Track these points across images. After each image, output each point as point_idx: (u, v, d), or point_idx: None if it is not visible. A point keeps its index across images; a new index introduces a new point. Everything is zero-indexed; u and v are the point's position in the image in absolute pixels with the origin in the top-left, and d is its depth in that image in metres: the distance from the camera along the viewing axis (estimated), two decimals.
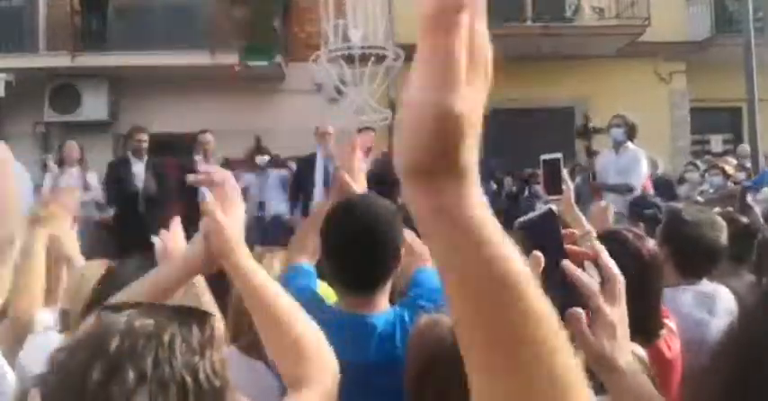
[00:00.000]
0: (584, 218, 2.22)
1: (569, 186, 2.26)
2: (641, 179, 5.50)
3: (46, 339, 1.69)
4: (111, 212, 6.28)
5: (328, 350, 1.08)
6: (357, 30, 8.05)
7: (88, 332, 0.84)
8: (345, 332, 1.50)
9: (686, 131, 10.02)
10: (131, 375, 0.78)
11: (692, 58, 9.73)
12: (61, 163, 6.55)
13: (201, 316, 0.88)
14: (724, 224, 2.24)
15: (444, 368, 1.10)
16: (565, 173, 2.26)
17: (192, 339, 0.85)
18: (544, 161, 2.28)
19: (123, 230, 5.91)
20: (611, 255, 1.61)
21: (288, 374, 1.04)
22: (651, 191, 6.59)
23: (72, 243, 2.11)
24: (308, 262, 1.81)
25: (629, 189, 5.42)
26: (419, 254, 1.73)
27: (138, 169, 6.21)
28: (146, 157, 6.31)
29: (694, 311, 2.05)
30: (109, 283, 1.42)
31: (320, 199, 5.81)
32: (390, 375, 1.46)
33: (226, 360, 0.88)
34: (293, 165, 6.82)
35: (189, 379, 0.81)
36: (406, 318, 1.56)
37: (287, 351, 1.04)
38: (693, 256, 2.15)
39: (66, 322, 1.70)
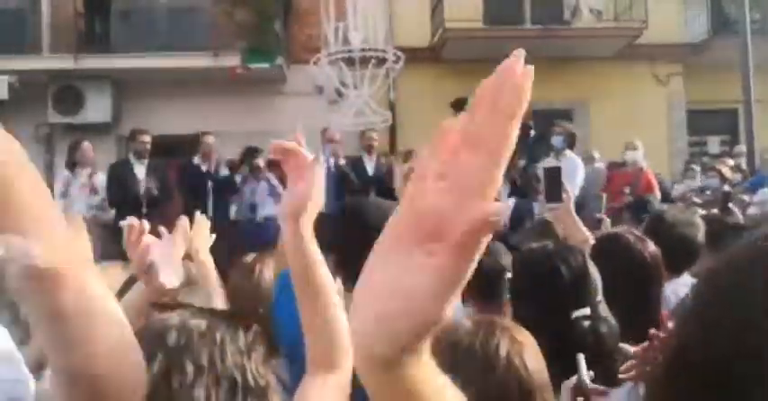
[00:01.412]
0: (582, 225, 2.29)
1: (569, 194, 2.32)
2: (578, 186, 5.75)
3: None
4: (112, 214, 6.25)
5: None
6: (357, 32, 8.12)
7: (144, 328, 0.91)
8: None
9: (683, 133, 10.08)
10: (190, 368, 0.85)
11: (689, 60, 9.79)
12: (72, 164, 6.43)
13: (245, 321, 0.94)
14: (701, 223, 2.35)
15: (457, 369, 1.12)
16: (565, 182, 2.34)
17: (238, 341, 0.91)
18: (545, 169, 2.36)
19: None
20: (613, 258, 1.69)
21: (317, 354, 1.05)
22: (656, 186, 6.62)
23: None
24: None
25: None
26: None
27: (140, 171, 6.17)
28: (147, 159, 6.27)
29: (673, 301, 2.15)
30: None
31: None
32: None
33: (266, 362, 0.94)
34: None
35: (239, 377, 0.87)
36: None
37: (322, 331, 1.04)
38: (673, 252, 2.24)
39: None
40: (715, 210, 3.84)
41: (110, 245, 5.63)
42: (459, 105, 5.37)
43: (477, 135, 0.44)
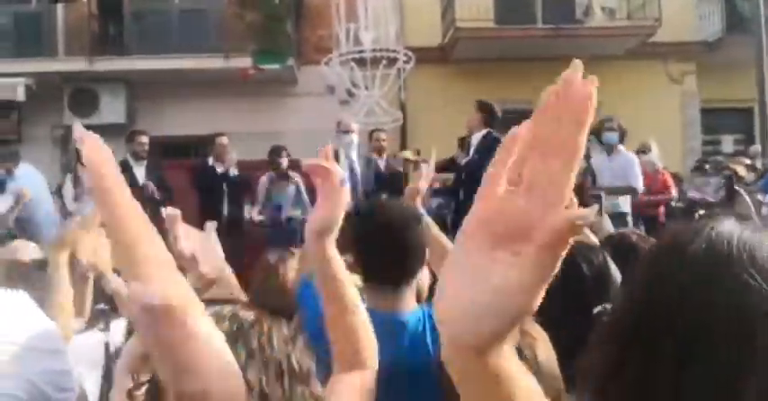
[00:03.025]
0: (590, 232, 2.28)
1: (574, 201, 2.31)
2: (641, 180, 5.66)
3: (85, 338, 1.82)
4: None
5: (375, 343, 1.16)
6: (368, 33, 8.14)
7: None
8: (375, 330, 1.57)
9: (697, 132, 10.00)
10: (243, 352, 0.92)
11: (702, 59, 9.71)
12: (81, 165, 6.56)
13: (287, 315, 1.02)
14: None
15: None
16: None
17: (283, 330, 0.99)
18: None
19: None
20: (619, 258, 1.69)
21: (344, 355, 1.11)
22: (672, 186, 6.62)
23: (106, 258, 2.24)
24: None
25: (634, 191, 5.56)
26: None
27: (140, 172, 6.18)
28: (145, 161, 6.28)
29: None
30: None
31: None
32: (420, 373, 1.48)
33: (307, 351, 1.01)
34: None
35: (284, 363, 0.95)
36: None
37: (347, 334, 1.11)
38: None
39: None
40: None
41: None
42: (485, 108, 5.32)
43: (549, 142, 0.47)
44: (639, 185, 5.67)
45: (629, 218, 5.49)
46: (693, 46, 9.72)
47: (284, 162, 6.71)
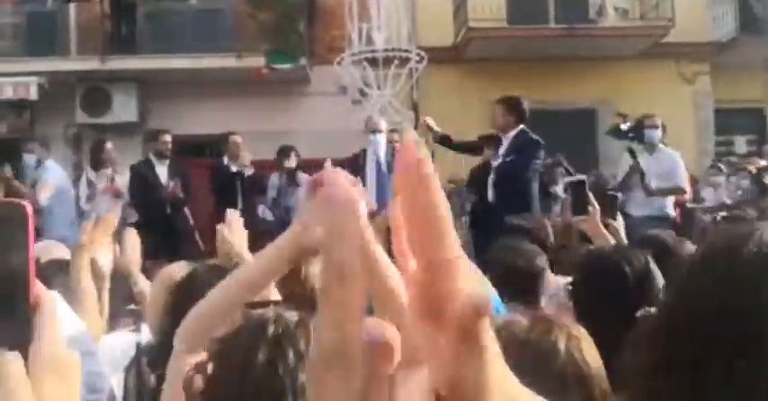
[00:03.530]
0: (611, 237, 2.28)
1: (596, 207, 2.32)
2: (686, 179, 5.42)
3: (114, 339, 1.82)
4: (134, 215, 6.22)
5: None
6: (381, 32, 8.14)
7: (244, 323, 0.98)
8: None
9: (710, 133, 9.96)
10: (292, 354, 0.92)
11: (715, 59, 9.67)
12: (95, 165, 6.34)
13: (312, 305, 1.00)
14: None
15: (515, 363, 1.13)
16: (590, 194, 2.34)
17: None
18: (569, 183, 2.36)
19: (151, 234, 5.78)
20: (654, 260, 1.69)
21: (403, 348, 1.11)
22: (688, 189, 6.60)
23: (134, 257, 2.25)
24: None
25: (680, 190, 5.37)
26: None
27: (162, 171, 6.13)
28: (168, 160, 6.21)
29: None
30: (188, 287, 1.49)
31: (371, 198, 5.39)
32: None
33: None
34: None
35: None
36: None
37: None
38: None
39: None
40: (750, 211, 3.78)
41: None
42: (514, 106, 5.09)
43: (411, 210, 0.41)
44: (686, 184, 5.41)
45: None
46: (706, 46, 9.68)
47: (292, 163, 6.68)
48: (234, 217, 2.07)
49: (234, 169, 6.37)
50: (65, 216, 5.88)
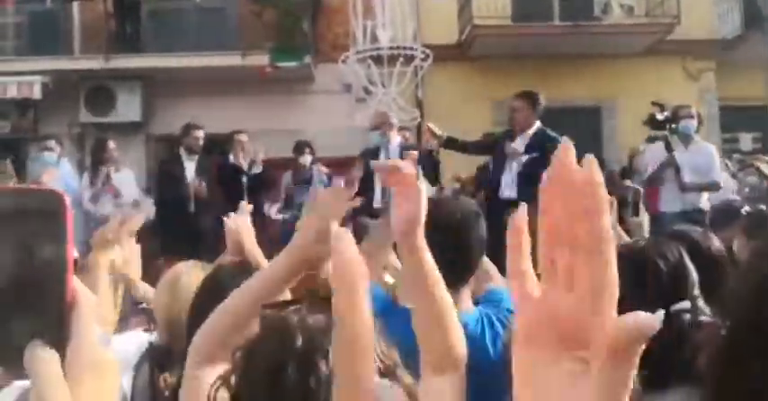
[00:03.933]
0: (624, 233, 2.25)
1: (614, 208, 2.29)
2: (722, 174, 5.13)
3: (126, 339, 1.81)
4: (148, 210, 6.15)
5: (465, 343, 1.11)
6: (385, 30, 8.12)
7: (265, 331, 0.93)
8: None
9: (716, 129, 9.93)
10: (323, 366, 0.87)
11: (721, 56, 9.64)
12: (97, 164, 6.25)
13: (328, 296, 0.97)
14: None
15: None
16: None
17: None
18: None
19: (172, 231, 5.62)
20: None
21: (434, 359, 1.07)
22: None
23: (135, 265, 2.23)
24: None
25: (716, 185, 5.07)
26: (486, 272, 1.78)
27: (190, 167, 5.99)
28: (198, 155, 6.07)
29: None
30: (212, 287, 1.46)
31: (378, 196, 5.21)
32: (479, 374, 1.48)
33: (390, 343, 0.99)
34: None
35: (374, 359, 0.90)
36: (493, 318, 1.58)
37: (438, 338, 1.07)
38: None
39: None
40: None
41: (148, 242, 5.49)
42: (533, 100, 4.93)
43: (567, 234, 0.39)
44: (721, 179, 5.15)
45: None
46: (712, 43, 9.65)
47: (307, 159, 6.66)
48: (245, 210, 2.05)
49: (243, 166, 6.29)
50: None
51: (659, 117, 5.31)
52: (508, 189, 4.71)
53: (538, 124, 4.96)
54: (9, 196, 0.50)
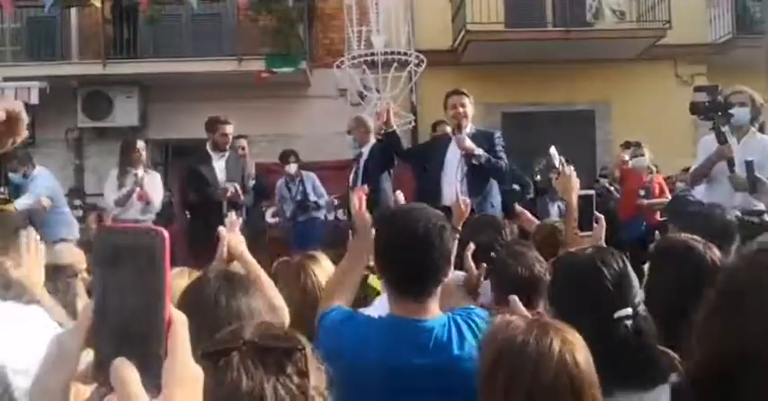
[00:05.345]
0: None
1: (602, 224, 2.33)
2: None
3: None
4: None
5: None
6: (380, 36, 8.21)
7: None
8: (401, 336, 1.58)
9: (706, 133, 10.00)
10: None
11: (713, 60, 9.71)
12: (126, 164, 5.70)
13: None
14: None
15: (511, 363, 1.15)
16: (597, 213, 2.34)
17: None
18: (579, 197, 2.37)
19: (203, 236, 4.86)
20: (678, 264, 1.74)
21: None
22: (666, 190, 6.67)
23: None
24: (341, 304, 1.77)
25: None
26: (453, 295, 1.87)
27: (219, 165, 5.25)
28: (227, 153, 5.34)
29: None
30: (191, 297, 1.48)
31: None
32: (445, 377, 1.52)
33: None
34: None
35: None
36: (461, 322, 1.61)
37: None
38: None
39: None
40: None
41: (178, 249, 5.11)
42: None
43: None
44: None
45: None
46: (703, 48, 9.74)
47: (293, 168, 6.67)
48: (234, 220, 2.15)
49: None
50: (59, 219, 5.85)
51: (707, 103, 4.28)
52: (451, 194, 4.05)
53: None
54: (117, 234, 0.56)
